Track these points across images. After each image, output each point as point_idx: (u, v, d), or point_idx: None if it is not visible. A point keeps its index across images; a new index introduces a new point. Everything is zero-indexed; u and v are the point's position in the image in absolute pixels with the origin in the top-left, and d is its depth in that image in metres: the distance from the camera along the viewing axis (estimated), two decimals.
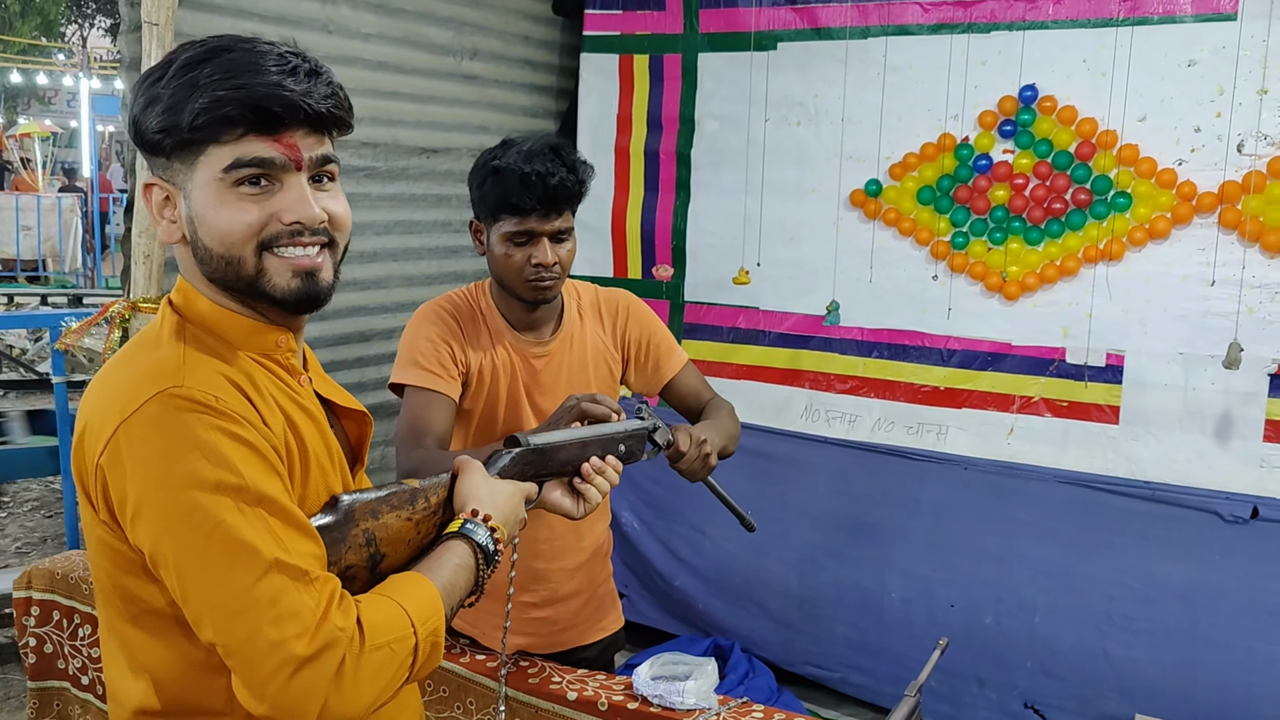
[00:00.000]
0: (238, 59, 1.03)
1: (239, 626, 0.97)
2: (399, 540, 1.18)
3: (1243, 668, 2.74)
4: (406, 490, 1.21)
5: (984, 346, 3.13)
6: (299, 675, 0.96)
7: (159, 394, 0.99)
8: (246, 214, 1.05)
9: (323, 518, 1.12)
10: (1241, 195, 2.74)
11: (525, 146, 1.84)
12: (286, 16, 2.89)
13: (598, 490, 1.46)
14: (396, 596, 1.07)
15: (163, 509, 0.98)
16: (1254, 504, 2.74)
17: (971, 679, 3.10)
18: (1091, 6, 2.92)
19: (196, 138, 1.03)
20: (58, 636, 2.34)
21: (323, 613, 0.98)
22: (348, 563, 1.13)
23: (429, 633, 1.07)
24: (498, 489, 1.28)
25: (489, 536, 1.20)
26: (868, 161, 3.27)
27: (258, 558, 0.97)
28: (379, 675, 1.01)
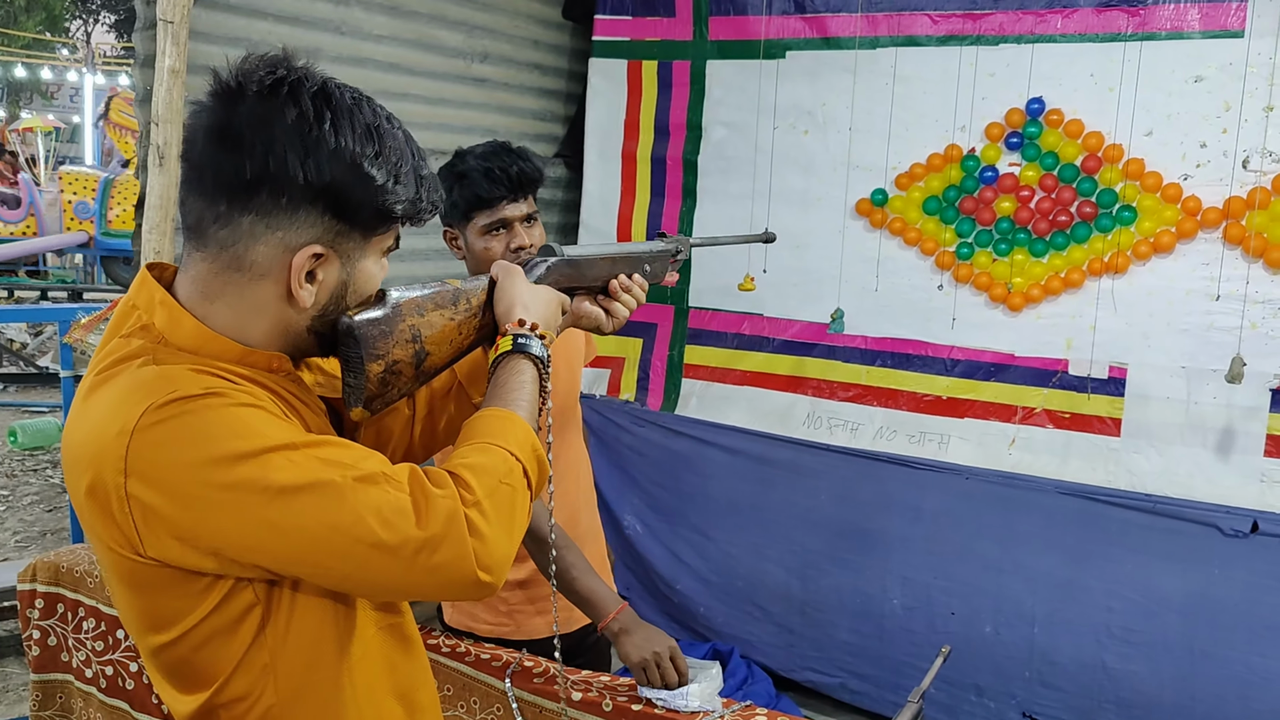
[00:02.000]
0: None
1: (360, 551, 0.96)
2: (443, 339, 1.19)
3: (1241, 681, 2.75)
4: (449, 290, 1.22)
5: (987, 357, 3.15)
6: (438, 554, 0.97)
7: (152, 406, 0.95)
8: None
9: (372, 310, 1.12)
10: (1246, 211, 2.76)
11: (479, 150, 1.99)
12: (300, 17, 2.91)
13: (624, 306, 1.48)
14: (485, 438, 1.07)
15: (222, 500, 0.95)
16: (1254, 518, 2.75)
17: (970, 688, 3.11)
18: (1100, 21, 2.94)
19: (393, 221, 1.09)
20: (61, 630, 2.35)
21: (420, 495, 0.98)
22: (394, 358, 1.13)
23: (530, 453, 1.09)
24: (539, 294, 1.28)
25: (542, 346, 1.20)
26: (874, 171, 3.28)
27: (335, 486, 0.96)
28: (507, 510, 1.03)
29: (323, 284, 1.06)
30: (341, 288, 1.08)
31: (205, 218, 1.03)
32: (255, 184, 1.00)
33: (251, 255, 1.03)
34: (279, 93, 1.01)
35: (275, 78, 1.01)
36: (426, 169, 1.11)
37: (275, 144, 0.99)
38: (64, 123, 19.19)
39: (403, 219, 1.09)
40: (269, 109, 1.00)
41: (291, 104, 1.00)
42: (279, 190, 1.00)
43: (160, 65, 2.48)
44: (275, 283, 1.05)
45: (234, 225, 1.02)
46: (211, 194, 1.02)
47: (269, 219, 1.01)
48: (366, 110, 1.05)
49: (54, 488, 5.73)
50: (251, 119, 1.00)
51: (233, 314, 1.06)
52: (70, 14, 27.47)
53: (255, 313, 1.06)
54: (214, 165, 1.01)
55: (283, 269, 1.04)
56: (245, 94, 1.01)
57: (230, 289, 1.05)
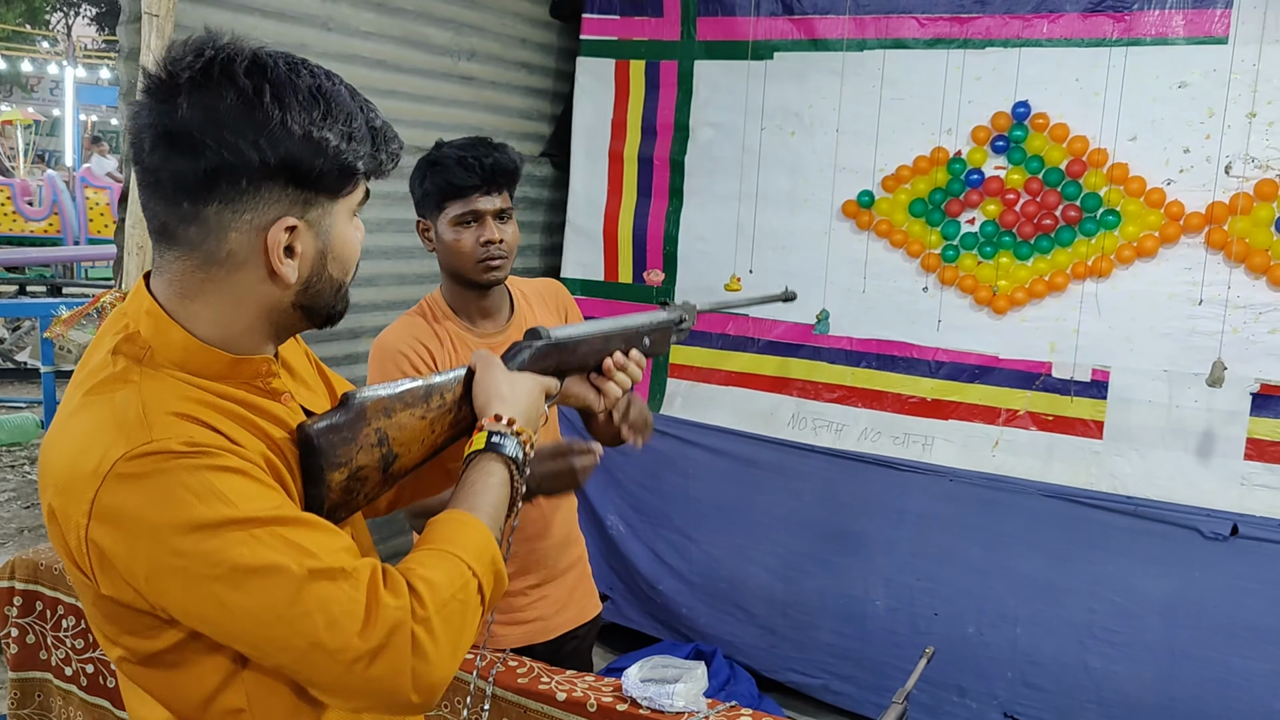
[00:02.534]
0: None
1: (298, 644, 0.95)
2: (413, 440, 1.14)
3: (1220, 683, 2.77)
4: (421, 386, 1.16)
5: (972, 359, 3.16)
6: (375, 665, 0.96)
7: (125, 455, 0.94)
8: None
9: (334, 416, 1.08)
10: (1228, 216, 2.78)
11: (457, 142, 1.98)
12: (287, 12, 2.89)
13: (618, 386, 1.41)
14: (444, 545, 1.05)
15: (174, 566, 0.94)
16: (1234, 521, 2.77)
17: (952, 688, 3.12)
18: (1086, 26, 2.95)
19: (356, 177, 1.07)
20: (40, 627, 2.33)
21: (373, 600, 0.97)
22: (359, 464, 1.08)
23: (488, 566, 1.06)
24: (518, 384, 1.23)
25: (518, 445, 1.16)
26: (861, 173, 3.29)
27: (289, 575, 0.94)
28: (455, 627, 1.01)
29: (302, 256, 1.04)
30: (321, 256, 1.06)
31: (170, 219, 1.01)
32: (212, 176, 0.98)
33: (226, 246, 1.01)
34: (211, 76, 0.97)
35: (204, 61, 0.98)
36: (379, 119, 1.08)
37: (222, 132, 0.97)
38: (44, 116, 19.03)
39: (365, 174, 1.07)
40: (206, 97, 0.97)
41: (228, 86, 0.97)
42: (236, 176, 0.98)
43: (144, 59, 2.45)
44: (255, 267, 1.03)
45: (200, 221, 1.00)
46: (171, 195, 1.00)
47: (234, 206, 0.99)
48: (305, 74, 1.02)
49: (31, 484, 5.68)
50: (192, 112, 0.97)
51: (215, 311, 1.04)
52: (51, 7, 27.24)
53: (238, 304, 1.04)
54: (167, 167, 0.98)
55: (259, 251, 1.02)
56: (179, 86, 0.98)
57: (210, 284, 1.03)
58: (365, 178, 1.08)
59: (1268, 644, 2.72)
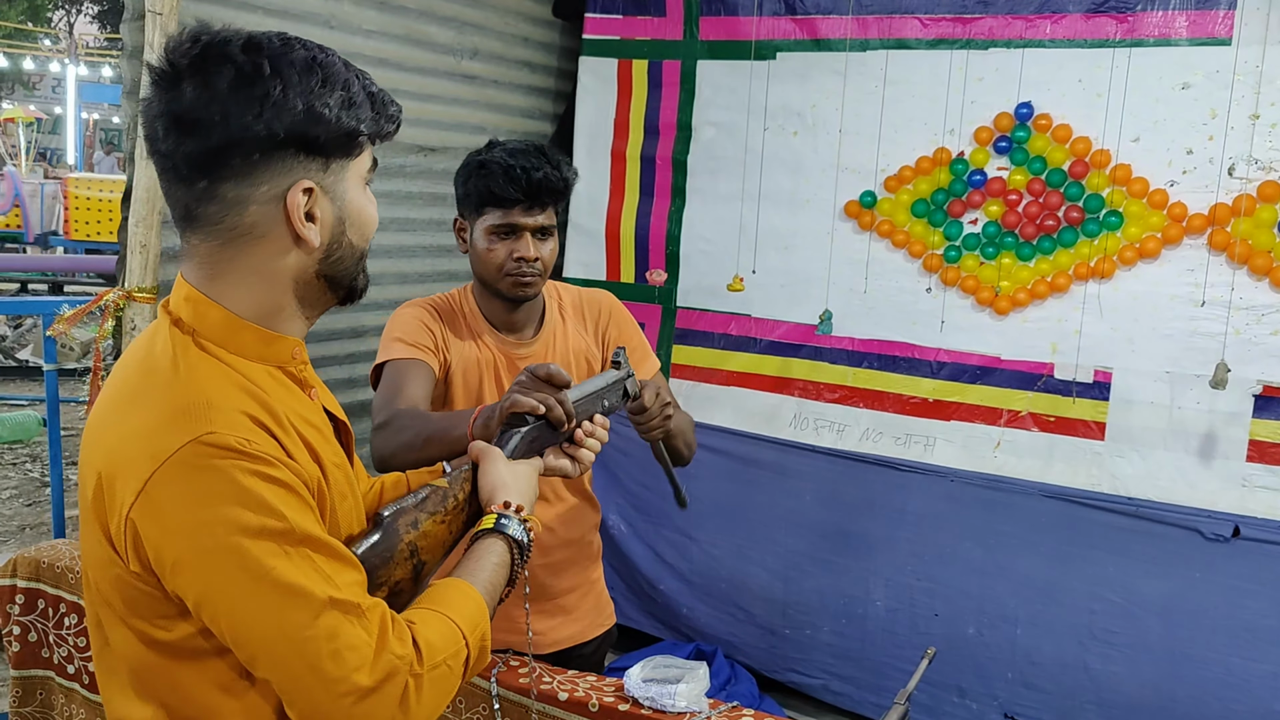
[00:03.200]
0: None
1: (298, 666, 0.98)
2: (437, 544, 1.20)
3: (1220, 684, 2.77)
4: (437, 492, 1.22)
5: (973, 360, 3.16)
6: (363, 704, 0.98)
7: (191, 442, 0.97)
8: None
9: (370, 538, 1.13)
10: (1231, 218, 2.78)
11: (511, 145, 1.90)
12: (289, 10, 2.89)
13: (589, 451, 1.46)
14: (444, 609, 1.09)
15: (208, 559, 0.97)
16: (1235, 523, 2.77)
17: (952, 689, 3.13)
18: (1088, 27, 2.95)
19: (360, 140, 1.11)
20: (42, 625, 2.33)
21: (380, 642, 1.00)
22: (396, 579, 1.13)
23: (478, 639, 1.11)
24: (520, 473, 1.30)
25: (522, 529, 1.23)
26: (863, 173, 3.29)
27: (310, 599, 0.98)
28: (439, 691, 1.05)
29: (321, 222, 1.08)
30: (339, 222, 1.10)
31: (190, 201, 1.05)
32: (224, 153, 1.02)
33: (247, 219, 1.05)
34: (209, 59, 1.01)
35: (201, 46, 1.03)
36: (374, 85, 1.12)
37: (227, 109, 1.00)
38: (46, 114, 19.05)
39: (370, 136, 1.11)
40: (206, 78, 1.01)
41: (225, 65, 1.01)
42: (247, 150, 1.02)
43: (148, 57, 2.46)
44: (278, 237, 1.07)
45: (219, 198, 1.04)
46: (188, 178, 1.04)
47: (250, 179, 1.04)
48: (298, 48, 1.06)
49: (33, 482, 5.69)
50: (194, 94, 1.01)
51: (244, 288, 1.08)
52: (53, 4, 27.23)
53: (265, 278, 1.08)
54: (180, 149, 1.03)
55: (280, 220, 1.06)
56: (180, 72, 1.02)
57: (238, 260, 1.07)
58: (370, 141, 1.11)
59: (1268, 645, 2.72)
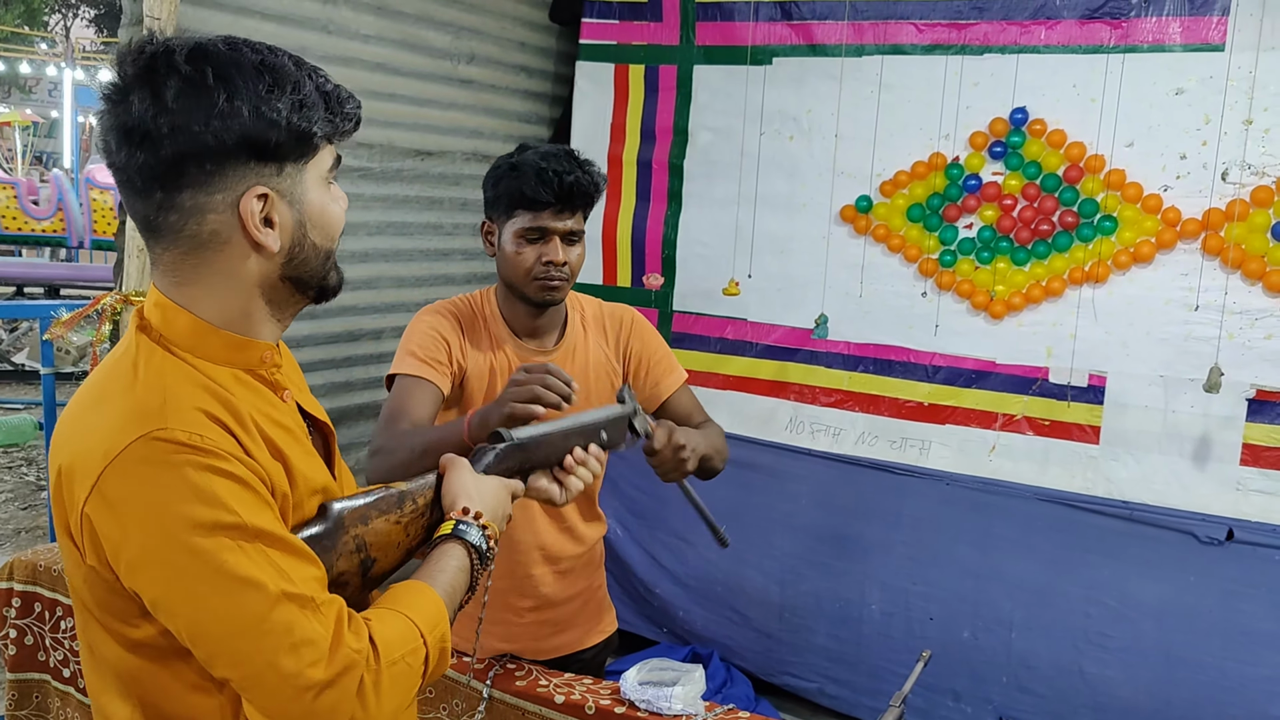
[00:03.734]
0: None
1: (255, 661, 0.98)
2: (389, 544, 1.19)
3: (1215, 687, 2.78)
4: (394, 493, 1.22)
5: (969, 364, 3.17)
6: (321, 698, 0.98)
7: (142, 438, 0.97)
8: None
9: (314, 527, 1.12)
10: (1225, 223, 2.79)
11: (543, 149, 1.90)
12: (288, 15, 2.89)
13: (579, 480, 1.47)
14: (403, 609, 1.09)
15: (161, 556, 0.97)
16: (1229, 526, 2.78)
17: (947, 692, 3.13)
18: (1083, 33, 2.97)
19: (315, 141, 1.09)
20: (39, 628, 2.33)
21: (335, 637, 1.00)
22: (339, 570, 1.13)
23: (437, 640, 1.10)
24: (485, 485, 1.29)
25: (482, 536, 1.21)
26: (859, 178, 3.30)
27: (264, 592, 0.97)
28: (397, 689, 1.04)
29: (280, 225, 1.07)
30: (300, 225, 1.09)
31: (149, 212, 1.05)
32: (175, 164, 1.01)
33: (207, 227, 1.04)
34: (156, 69, 1.00)
35: (145, 56, 1.01)
36: (329, 84, 1.10)
37: (174, 121, 0.99)
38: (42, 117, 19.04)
39: (326, 138, 1.09)
40: (154, 90, 1.00)
41: (171, 74, 1.00)
42: (199, 160, 1.01)
43: None
44: (238, 243, 1.06)
45: (177, 208, 1.03)
46: (143, 190, 1.03)
47: (205, 187, 1.03)
48: (247, 51, 1.04)
49: (29, 485, 5.68)
50: (142, 105, 1.00)
51: (212, 294, 1.07)
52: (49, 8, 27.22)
53: (230, 284, 1.08)
54: (133, 164, 1.02)
55: (238, 228, 1.05)
56: (128, 85, 1.01)
57: (202, 268, 1.07)
58: (326, 140, 1.10)
59: (1263, 648, 2.73)
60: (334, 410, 3.17)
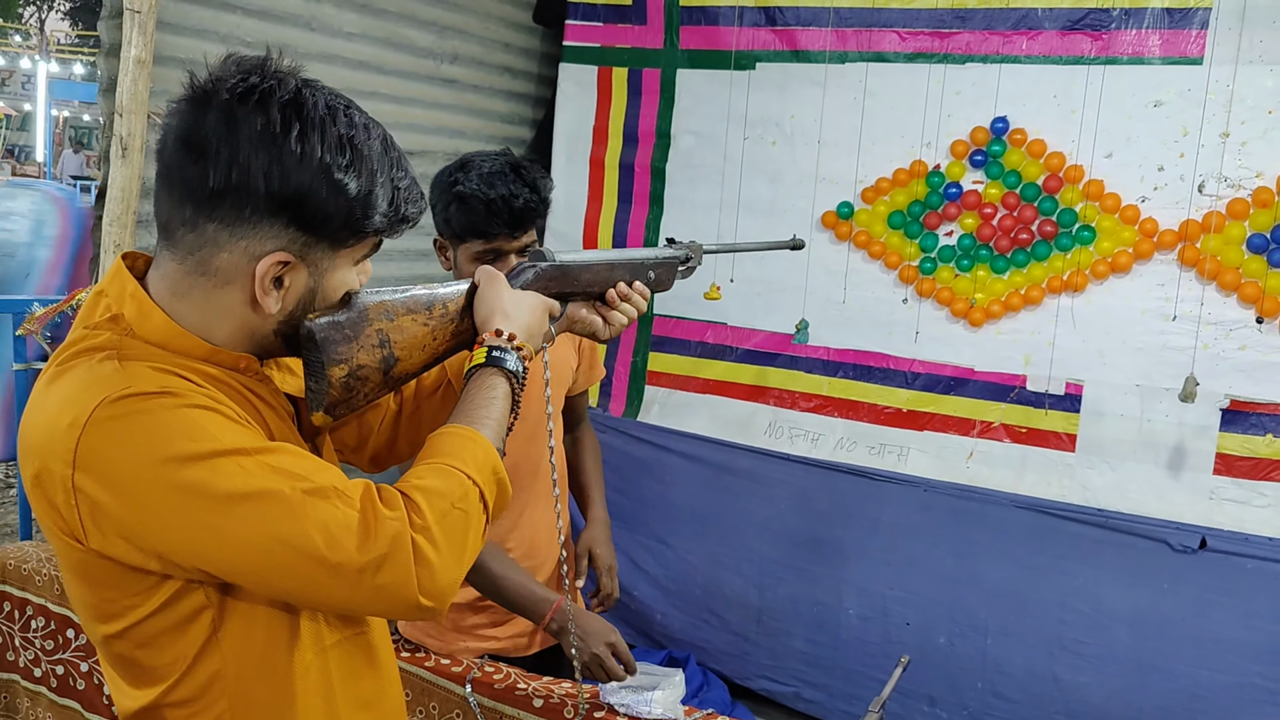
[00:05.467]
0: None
1: (302, 563, 0.95)
2: (414, 345, 1.16)
3: (1187, 694, 2.81)
4: (424, 294, 1.18)
5: (948, 371, 3.19)
6: (380, 576, 0.96)
7: (105, 400, 0.94)
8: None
9: (336, 314, 1.09)
10: (1201, 234, 2.83)
11: (486, 168, 1.84)
12: (270, 11, 2.87)
13: (622, 315, 1.41)
14: (442, 459, 1.05)
15: (166, 503, 0.94)
16: (1203, 535, 2.81)
17: (923, 698, 3.14)
18: (1064, 44, 2.99)
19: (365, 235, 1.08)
20: (8, 628, 2.30)
21: (370, 515, 0.97)
22: (359, 362, 1.10)
23: (489, 475, 1.07)
24: (521, 300, 1.24)
25: (518, 360, 1.17)
26: (841, 184, 3.31)
27: (282, 498, 0.95)
28: (458, 535, 1.02)
29: (290, 290, 1.05)
30: (310, 294, 1.07)
31: (173, 220, 1.03)
32: (219, 194, 0.99)
33: (216, 262, 1.02)
34: (248, 101, 0.99)
35: (247, 85, 0.99)
36: (406, 178, 1.08)
37: (239, 154, 0.98)
38: (14, 110, 18.82)
39: (374, 232, 1.07)
40: (236, 117, 0.98)
41: (260, 112, 0.98)
42: (242, 201, 0.99)
43: (126, 55, 2.43)
44: (240, 289, 1.04)
45: (199, 231, 1.01)
46: (178, 199, 1.01)
47: (233, 228, 1.00)
48: (342, 119, 1.02)
49: None
50: (218, 127, 0.98)
51: (199, 315, 1.05)
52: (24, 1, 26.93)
53: (221, 316, 1.05)
54: (180, 171, 1.00)
55: (247, 277, 1.03)
56: (215, 100, 0.99)
57: (197, 291, 1.04)
58: (374, 235, 1.08)
59: (1234, 656, 2.76)
60: None
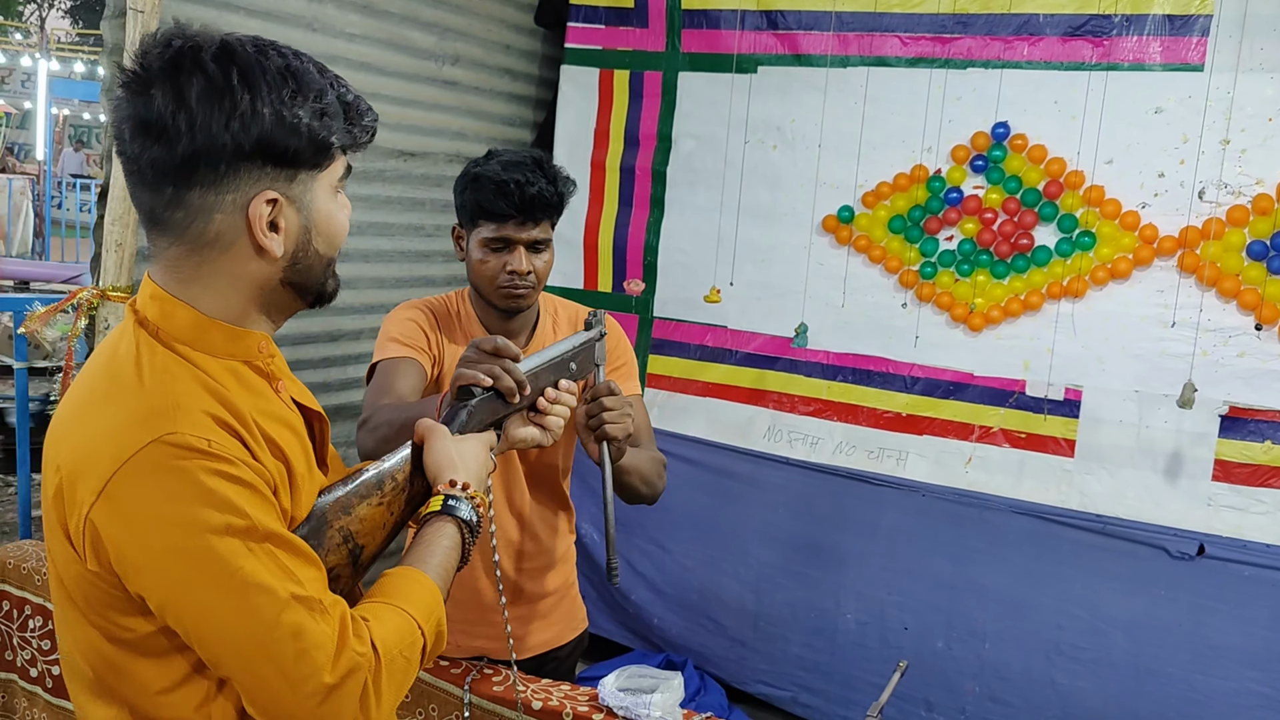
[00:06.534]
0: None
1: (264, 664, 0.98)
2: (375, 528, 1.18)
3: (1184, 700, 2.81)
4: (372, 476, 1.20)
5: (947, 375, 3.19)
6: (327, 703, 0.99)
7: (153, 442, 0.97)
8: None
9: (298, 528, 1.11)
10: (1201, 241, 2.83)
11: (507, 157, 1.89)
12: (272, 12, 2.87)
13: (557, 418, 1.44)
14: (398, 601, 1.09)
15: (171, 559, 0.97)
16: (1200, 541, 2.81)
17: (920, 702, 3.15)
18: (1065, 50, 3.00)
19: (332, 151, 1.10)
20: (6, 627, 2.30)
21: (341, 640, 1.00)
22: (330, 564, 1.12)
23: (433, 626, 1.11)
24: (465, 448, 1.28)
25: (470, 509, 1.21)
26: (842, 188, 3.32)
27: (274, 596, 0.98)
28: (396, 684, 1.05)
29: (286, 231, 1.07)
30: (305, 231, 1.09)
31: (156, 206, 1.05)
32: (190, 161, 1.01)
33: (213, 227, 1.05)
34: (181, 66, 1.00)
35: (173, 51, 1.01)
36: (350, 93, 1.10)
37: (195, 117, 1.00)
38: (15, 108, 18.80)
39: (341, 147, 1.10)
40: (177, 85, 1.00)
41: (197, 72, 1.00)
42: (214, 159, 1.01)
43: (128, 55, 2.43)
44: (243, 245, 1.06)
45: (185, 205, 1.04)
46: (154, 184, 1.03)
47: (215, 188, 1.03)
48: (273, 55, 1.04)
49: None
50: (164, 101, 1.00)
51: (211, 292, 1.08)
52: None
53: (232, 284, 1.08)
54: (147, 156, 1.02)
55: (245, 229, 1.05)
56: (151, 78, 1.01)
57: (204, 267, 1.07)
58: (342, 151, 1.11)
59: (1231, 663, 2.76)
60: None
